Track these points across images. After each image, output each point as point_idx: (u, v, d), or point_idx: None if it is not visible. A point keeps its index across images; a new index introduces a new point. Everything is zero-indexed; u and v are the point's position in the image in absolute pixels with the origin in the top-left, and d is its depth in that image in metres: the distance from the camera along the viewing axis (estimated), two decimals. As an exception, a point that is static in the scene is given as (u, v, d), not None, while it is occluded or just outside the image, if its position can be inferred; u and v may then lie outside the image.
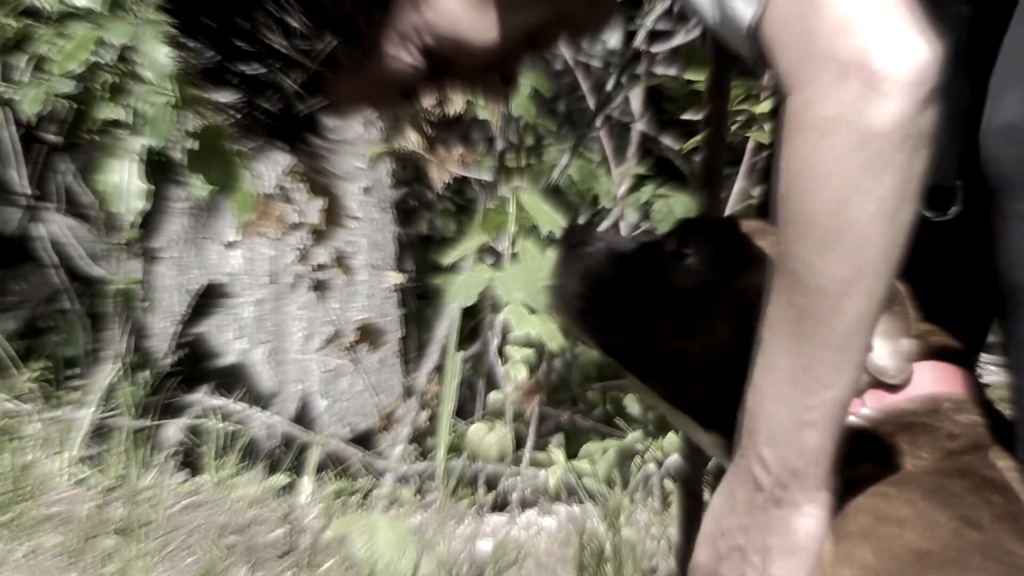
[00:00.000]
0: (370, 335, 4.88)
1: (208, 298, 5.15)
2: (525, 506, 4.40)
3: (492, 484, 4.49)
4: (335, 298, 5.10)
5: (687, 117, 5.22)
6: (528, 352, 4.62)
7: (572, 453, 4.67)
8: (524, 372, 4.62)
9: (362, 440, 4.93)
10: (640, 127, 5.46)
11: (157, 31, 3.90)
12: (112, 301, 4.95)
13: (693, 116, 5.10)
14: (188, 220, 5.17)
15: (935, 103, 1.52)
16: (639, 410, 5.01)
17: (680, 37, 5.02)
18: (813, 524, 1.61)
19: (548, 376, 4.74)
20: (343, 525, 3.87)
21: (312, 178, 4.46)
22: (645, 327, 1.83)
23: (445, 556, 3.86)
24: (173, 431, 4.63)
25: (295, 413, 5.05)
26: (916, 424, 1.74)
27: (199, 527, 3.91)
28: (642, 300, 1.84)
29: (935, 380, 1.77)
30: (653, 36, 4.97)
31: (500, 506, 4.41)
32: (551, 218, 4.31)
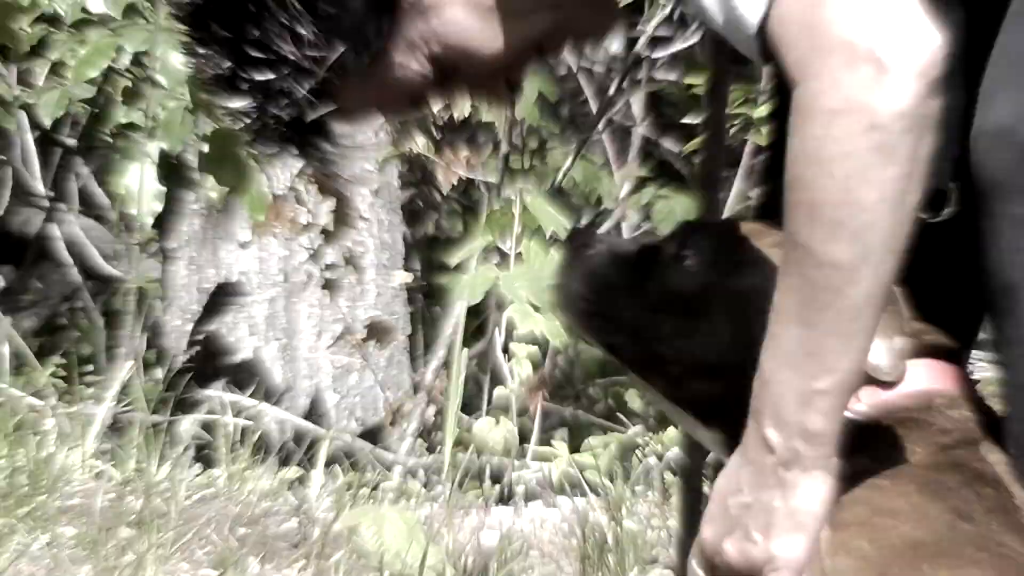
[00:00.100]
0: (379, 332, 4.91)
1: (221, 296, 5.14)
2: (529, 499, 4.40)
3: (497, 477, 4.50)
4: (345, 297, 5.11)
5: (687, 120, 5.23)
6: (532, 349, 4.64)
7: (575, 447, 4.68)
8: (528, 369, 4.65)
9: (371, 435, 4.94)
10: (641, 130, 5.49)
11: (172, 37, 3.87)
12: (128, 299, 4.84)
13: (693, 120, 5.11)
14: (202, 221, 5.16)
15: (941, 90, 1.53)
16: (640, 405, 5.02)
17: (680, 43, 5.02)
18: (815, 504, 1.62)
19: (552, 372, 4.77)
20: (353, 517, 3.84)
21: (322, 181, 4.49)
22: (646, 327, 1.84)
23: (452, 547, 3.83)
24: (187, 426, 4.60)
25: (306, 408, 5.05)
26: (910, 420, 1.75)
27: (213, 519, 3.87)
28: (643, 301, 1.85)
29: (928, 377, 1.78)
30: (654, 42, 4.97)
31: (505, 499, 4.41)
32: (555, 219, 4.33)
